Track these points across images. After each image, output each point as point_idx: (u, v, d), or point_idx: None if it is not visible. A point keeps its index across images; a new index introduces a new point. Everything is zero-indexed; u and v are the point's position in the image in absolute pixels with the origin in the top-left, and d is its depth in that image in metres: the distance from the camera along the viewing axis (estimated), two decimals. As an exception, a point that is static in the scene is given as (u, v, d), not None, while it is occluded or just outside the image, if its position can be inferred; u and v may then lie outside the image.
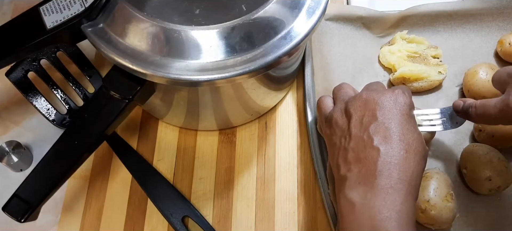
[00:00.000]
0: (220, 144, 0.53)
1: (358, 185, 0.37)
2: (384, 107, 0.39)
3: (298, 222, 0.49)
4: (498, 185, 0.46)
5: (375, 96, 0.40)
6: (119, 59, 0.39)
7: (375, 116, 0.39)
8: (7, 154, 0.50)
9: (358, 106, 0.40)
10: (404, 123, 0.38)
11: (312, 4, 0.43)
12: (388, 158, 0.36)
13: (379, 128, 0.38)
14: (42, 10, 0.42)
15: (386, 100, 0.40)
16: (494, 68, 0.52)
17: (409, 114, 0.39)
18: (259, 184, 0.51)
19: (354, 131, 0.39)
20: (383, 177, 0.36)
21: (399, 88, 0.41)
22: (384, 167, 0.36)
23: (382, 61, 0.57)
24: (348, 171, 0.38)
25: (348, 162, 0.38)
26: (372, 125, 0.38)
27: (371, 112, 0.39)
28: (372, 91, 0.41)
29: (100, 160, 0.52)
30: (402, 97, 0.40)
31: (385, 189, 0.35)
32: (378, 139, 0.37)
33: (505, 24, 0.58)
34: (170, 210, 0.48)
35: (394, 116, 0.39)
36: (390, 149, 0.37)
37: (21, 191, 0.40)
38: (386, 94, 0.40)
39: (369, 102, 0.40)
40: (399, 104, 0.39)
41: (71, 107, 0.54)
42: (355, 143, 0.39)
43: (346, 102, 0.42)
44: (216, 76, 0.39)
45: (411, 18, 0.58)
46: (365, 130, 0.38)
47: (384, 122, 0.38)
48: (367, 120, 0.39)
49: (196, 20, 0.40)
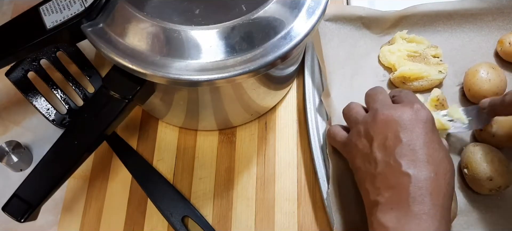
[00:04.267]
0: (220, 144, 0.53)
1: (391, 210, 0.36)
2: (406, 128, 0.38)
3: (298, 222, 0.49)
4: (499, 185, 0.46)
5: (394, 116, 0.39)
6: (119, 59, 0.39)
7: (398, 138, 0.38)
8: (7, 154, 0.50)
9: (378, 129, 0.39)
10: (429, 142, 0.38)
11: (312, 4, 0.42)
12: (419, 182, 0.36)
13: (404, 150, 0.37)
14: (42, 10, 0.42)
15: (407, 119, 0.38)
16: (494, 68, 0.52)
17: (432, 131, 0.39)
18: (259, 184, 0.51)
19: (379, 156, 0.38)
20: (416, 203, 0.35)
21: (416, 101, 0.40)
22: (416, 192, 0.35)
23: (382, 61, 0.57)
24: (378, 196, 0.37)
25: (377, 187, 0.38)
26: (397, 148, 0.37)
27: (393, 134, 0.38)
28: (388, 109, 0.40)
29: (100, 160, 0.52)
30: (422, 112, 0.39)
31: (419, 215, 0.35)
32: (406, 163, 0.37)
33: (505, 23, 0.58)
34: (170, 210, 0.48)
35: (419, 136, 0.38)
36: (420, 173, 0.36)
37: (21, 191, 0.40)
38: (405, 112, 0.39)
39: (390, 124, 0.39)
40: (421, 121, 0.38)
41: (71, 107, 0.54)
42: (382, 168, 0.38)
43: (364, 124, 0.41)
44: (216, 76, 0.38)
45: (411, 18, 0.58)
46: (390, 154, 0.38)
47: (409, 144, 0.37)
48: (390, 143, 0.38)
49: (196, 20, 0.40)
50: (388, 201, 0.37)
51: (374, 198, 0.38)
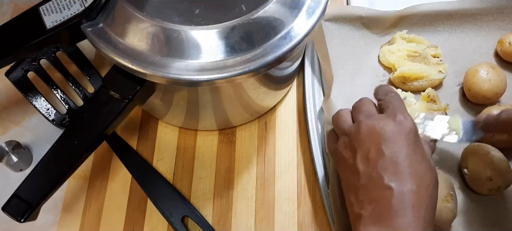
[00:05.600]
0: (220, 144, 0.53)
1: (373, 225, 0.36)
2: (389, 140, 0.38)
3: (298, 222, 0.49)
4: (498, 185, 0.46)
5: (377, 128, 0.39)
6: (119, 59, 0.39)
7: (380, 151, 0.38)
8: (7, 154, 0.50)
9: (361, 140, 0.39)
10: (412, 153, 0.38)
11: (312, 4, 0.43)
12: (400, 195, 0.36)
13: (387, 164, 0.37)
14: (42, 10, 0.42)
15: (389, 131, 0.38)
16: (494, 68, 0.52)
17: (415, 142, 0.38)
18: (259, 184, 0.51)
19: (361, 168, 0.38)
20: (398, 216, 0.35)
21: (398, 112, 0.40)
22: (398, 206, 0.36)
23: (382, 61, 0.57)
24: (361, 209, 0.38)
25: (360, 200, 0.38)
26: (379, 161, 0.37)
27: (376, 146, 0.38)
28: (372, 120, 0.40)
29: (100, 160, 0.52)
30: (405, 124, 0.39)
31: (401, 228, 0.35)
32: (388, 176, 0.37)
33: (505, 23, 0.58)
34: (170, 210, 0.48)
35: (401, 149, 0.38)
36: (402, 186, 0.36)
37: (20, 191, 0.40)
38: (388, 124, 0.39)
39: (372, 136, 0.39)
40: (403, 133, 0.38)
41: (71, 107, 0.54)
42: (365, 181, 0.38)
43: (348, 135, 0.41)
44: (216, 76, 0.39)
45: (411, 18, 0.58)
46: (373, 167, 0.38)
47: (392, 156, 0.37)
48: (373, 155, 0.38)
49: (196, 20, 0.40)
50: (370, 215, 0.37)
51: (357, 211, 0.38)
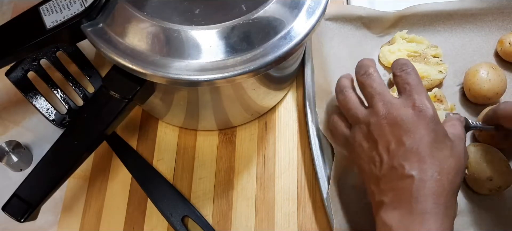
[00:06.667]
0: (220, 144, 0.53)
1: (394, 210, 0.37)
2: (410, 130, 0.38)
3: (298, 222, 0.49)
4: (499, 185, 0.46)
5: (397, 118, 0.39)
6: (119, 59, 0.39)
7: (401, 141, 0.38)
8: (7, 153, 0.50)
9: (381, 132, 0.40)
10: (433, 142, 0.38)
11: (312, 4, 0.43)
12: (421, 183, 0.36)
13: (408, 153, 0.38)
14: (42, 10, 0.42)
15: (409, 120, 0.39)
16: (495, 68, 0.52)
17: (435, 129, 0.39)
18: (259, 184, 0.51)
19: (383, 159, 0.39)
20: (419, 202, 0.36)
21: (416, 95, 0.40)
22: (419, 193, 0.36)
23: (382, 61, 0.57)
24: (383, 196, 0.38)
25: (381, 189, 0.39)
26: (400, 151, 0.38)
27: (396, 138, 0.39)
28: (389, 108, 0.40)
29: (100, 160, 0.52)
30: (425, 110, 0.39)
31: (422, 214, 0.36)
32: (409, 165, 0.37)
33: (505, 23, 0.58)
34: (170, 210, 0.48)
35: (422, 137, 0.38)
36: (423, 174, 0.37)
37: (20, 191, 0.40)
38: (407, 112, 0.39)
39: (392, 127, 0.39)
40: (423, 121, 0.39)
41: (71, 107, 0.54)
42: (386, 171, 0.39)
43: (366, 125, 0.41)
44: (216, 76, 0.39)
45: (411, 18, 0.58)
46: (394, 158, 0.38)
47: (413, 146, 0.38)
48: (394, 146, 0.39)
49: (196, 20, 0.40)
50: (392, 201, 0.38)
51: (379, 199, 0.39)
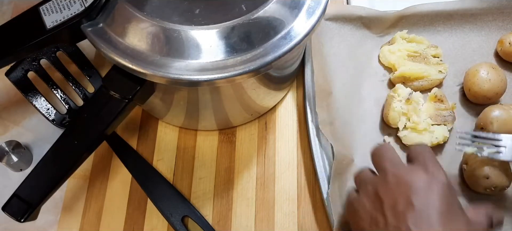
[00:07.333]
0: (220, 144, 0.53)
1: None
2: (420, 192, 0.35)
3: (298, 222, 0.49)
4: (494, 185, 0.46)
5: (406, 178, 0.36)
6: (119, 59, 0.39)
7: (410, 203, 0.35)
8: (7, 153, 0.50)
9: (388, 190, 0.37)
10: (446, 211, 0.34)
11: (312, 4, 0.42)
12: None
13: (418, 219, 0.34)
14: (42, 10, 0.42)
15: (420, 182, 0.36)
16: (495, 68, 0.52)
17: (448, 197, 0.35)
18: (259, 184, 0.51)
19: (387, 220, 0.36)
20: None
21: (430, 163, 0.37)
22: None
23: (382, 61, 0.57)
24: None
25: None
26: (409, 214, 0.34)
27: (404, 197, 0.35)
28: (399, 169, 0.38)
29: (100, 160, 0.52)
30: (438, 176, 0.36)
31: None
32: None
33: (505, 23, 0.58)
34: (170, 210, 0.48)
35: (434, 203, 0.35)
36: None
37: (21, 191, 0.40)
38: (419, 175, 0.36)
39: (401, 185, 0.36)
40: (436, 186, 0.36)
41: (71, 107, 0.54)
42: None
43: (372, 184, 0.39)
44: (216, 76, 0.38)
45: (411, 18, 0.58)
46: (402, 220, 0.35)
47: (423, 210, 0.34)
48: (402, 207, 0.35)
49: (196, 20, 0.40)
50: None
51: None
